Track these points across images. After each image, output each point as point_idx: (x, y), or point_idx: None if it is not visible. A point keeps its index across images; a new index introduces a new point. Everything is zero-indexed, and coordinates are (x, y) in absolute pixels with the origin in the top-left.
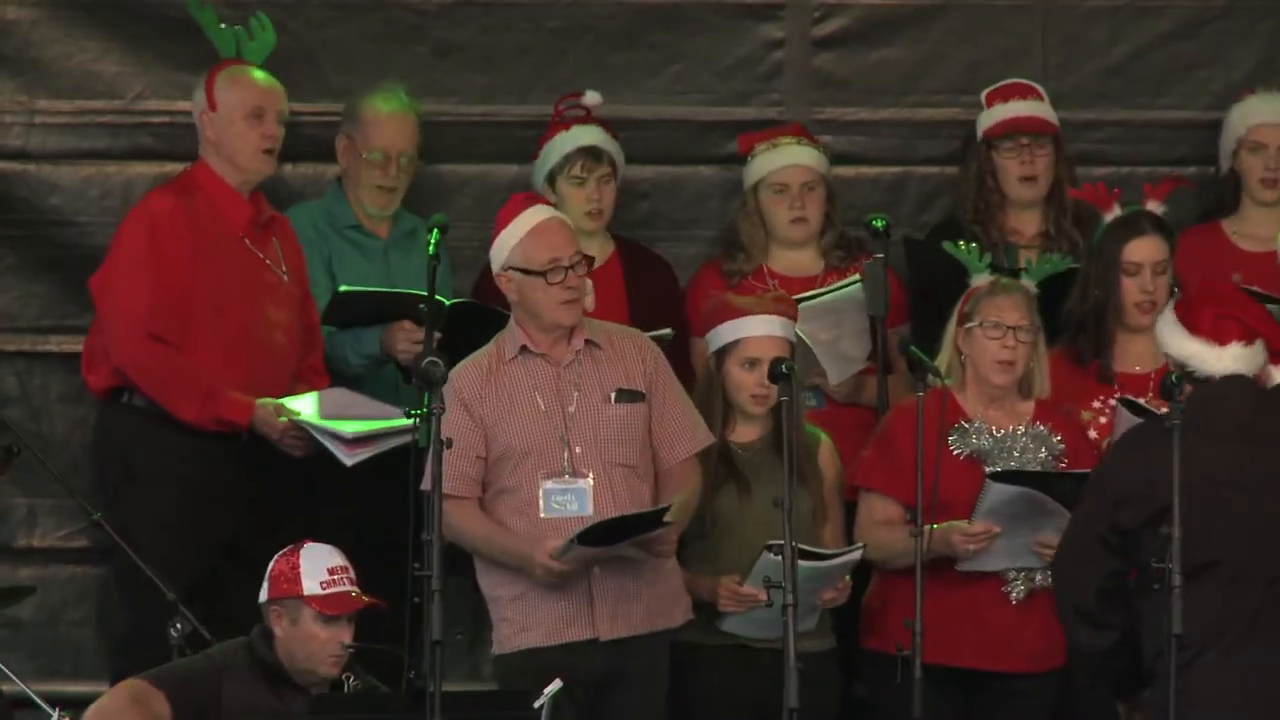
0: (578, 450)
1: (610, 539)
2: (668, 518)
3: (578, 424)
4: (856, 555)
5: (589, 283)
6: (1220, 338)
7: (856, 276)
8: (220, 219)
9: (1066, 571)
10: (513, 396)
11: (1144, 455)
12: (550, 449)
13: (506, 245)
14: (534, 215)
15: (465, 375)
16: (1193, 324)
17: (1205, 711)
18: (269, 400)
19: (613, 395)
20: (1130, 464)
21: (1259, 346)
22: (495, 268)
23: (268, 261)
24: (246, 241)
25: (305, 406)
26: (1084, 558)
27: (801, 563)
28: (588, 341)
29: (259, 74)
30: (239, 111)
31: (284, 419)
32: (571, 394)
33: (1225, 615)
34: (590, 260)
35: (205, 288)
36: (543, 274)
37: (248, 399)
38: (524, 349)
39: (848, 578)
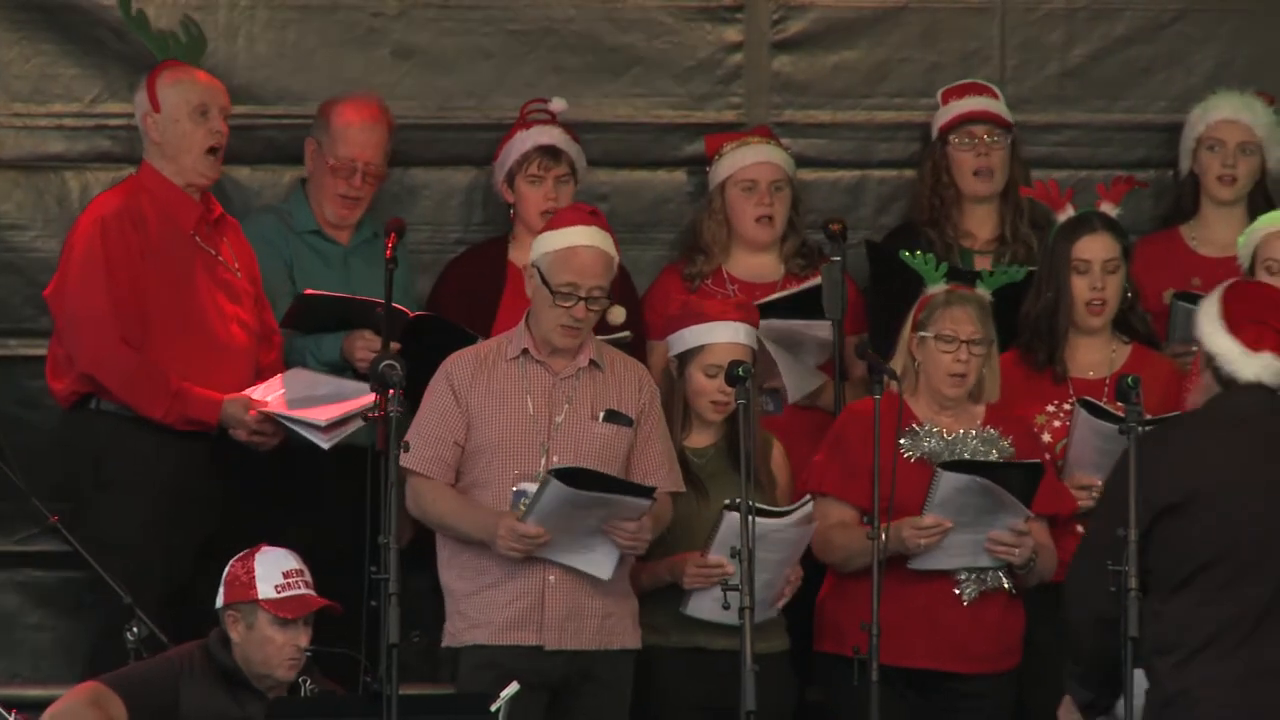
0: (555, 459)
1: (587, 488)
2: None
3: (561, 435)
4: (809, 508)
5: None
6: (1255, 344)
7: (817, 280)
8: (169, 218)
9: (1083, 580)
10: (504, 393)
11: (1165, 453)
12: (528, 452)
13: (543, 246)
14: (578, 235)
15: (459, 362)
16: (1232, 321)
17: (1203, 712)
18: (236, 396)
19: (601, 415)
20: (1151, 466)
21: None
22: (530, 256)
23: (220, 258)
24: (197, 239)
25: (272, 391)
26: (1103, 566)
27: (759, 520)
28: (591, 361)
29: (199, 72)
30: (183, 109)
31: (254, 411)
32: (562, 405)
33: (1228, 615)
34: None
35: (159, 285)
36: (554, 292)
37: (214, 397)
38: (525, 352)
39: (799, 566)
